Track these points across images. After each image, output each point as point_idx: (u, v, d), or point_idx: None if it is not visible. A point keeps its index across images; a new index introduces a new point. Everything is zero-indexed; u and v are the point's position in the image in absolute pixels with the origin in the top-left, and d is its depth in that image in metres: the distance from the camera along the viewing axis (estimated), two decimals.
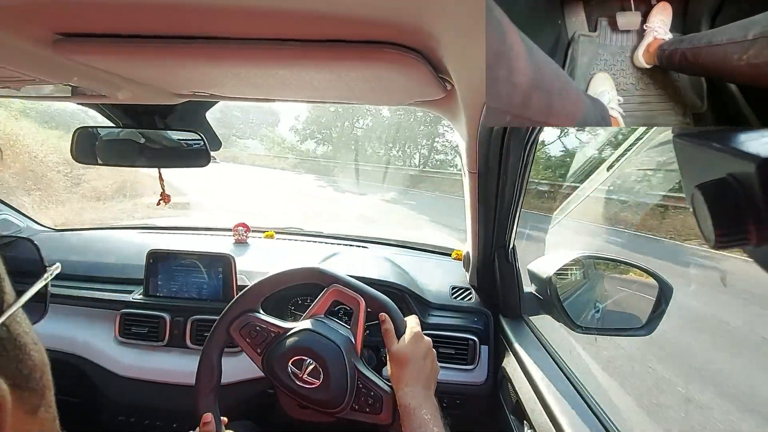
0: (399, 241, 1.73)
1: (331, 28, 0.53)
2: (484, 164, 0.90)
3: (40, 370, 0.29)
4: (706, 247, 3.59)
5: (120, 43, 0.58)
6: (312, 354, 0.81)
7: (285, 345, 0.84)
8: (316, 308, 0.88)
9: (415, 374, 0.76)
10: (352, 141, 22.24)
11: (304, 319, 0.87)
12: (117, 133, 1.07)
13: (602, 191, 5.81)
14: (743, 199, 0.26)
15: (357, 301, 0.84)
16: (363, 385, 0.80)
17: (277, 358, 0.83)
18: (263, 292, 0.90)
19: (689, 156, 0.33)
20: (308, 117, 22.66)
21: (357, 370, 0.81)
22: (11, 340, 0.26)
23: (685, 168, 0.34)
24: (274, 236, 1.67)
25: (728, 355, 3.07)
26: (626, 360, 2.80)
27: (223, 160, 18.92)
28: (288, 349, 0.83)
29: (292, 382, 0.82)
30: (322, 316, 0.87)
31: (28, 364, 0.27)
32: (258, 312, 0.89)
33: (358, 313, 0.85)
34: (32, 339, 0.29)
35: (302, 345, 0.82)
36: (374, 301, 0.85)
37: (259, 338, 0.87)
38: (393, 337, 0.80)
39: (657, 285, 1.00)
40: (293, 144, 23.84)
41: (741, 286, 3.88)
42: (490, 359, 1.17)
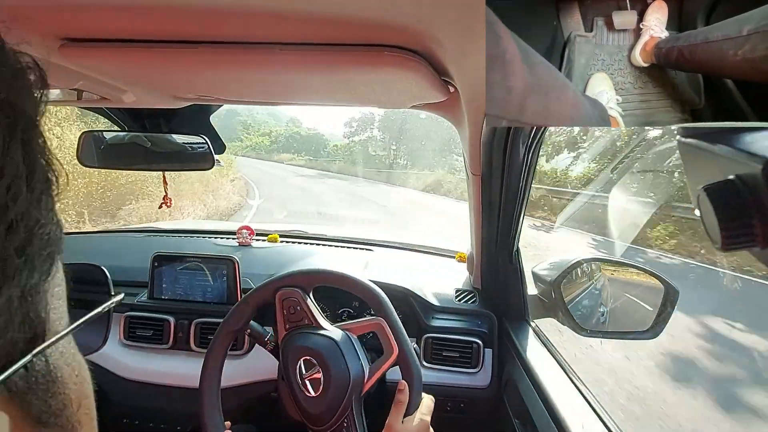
0: (403, 243, 1.72)
1: (334, 32, 0.54)
2: (487, 166, 0.90)
3: (76, 404, 0.26)
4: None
5: (125, 47, 0.59)
6: (324, 366, 0.81)
7: (309, 340, 0.84)
8: (354, 327, 0.88)
9: None
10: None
11: (337, 328, 0.87)
12: (122, 136, 1.08)
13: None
14: (749, 200, 0.26)
15: (392, 349, 0.83)
16: (347, 424, 0.80)
17: (295, 346, 0.84)
18: (320, 281, 0.91)
19: (694, 157, 0.33)
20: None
21: (351, 407, 0.80)
22: (47, 373, 0.24)
23: (691, 169, 0.34)
24: (278, 239, 1.68)
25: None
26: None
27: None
28: (309, 345, 0.84)
29: (293, 376, 0.82)
30: (354, 337, 0.87)
31: (60, 399, 0.25)
32: (308, 294, 0.90)
33: (385, 360, 0.84)
34: (74, 371, 0.26)
35: (321, 352, 0.82)
36: (406, 362, 0.83)
37: (295, 316, 0.88)
38: (401, 412, 0.77)
39: (662, 288, 0.99)
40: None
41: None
42: (494, 363, 1.16)
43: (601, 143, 11.15)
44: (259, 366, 1.16)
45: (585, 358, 3.01)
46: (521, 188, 0.94)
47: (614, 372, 2.89)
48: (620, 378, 2.82)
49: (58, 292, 0.25)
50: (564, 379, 0.91)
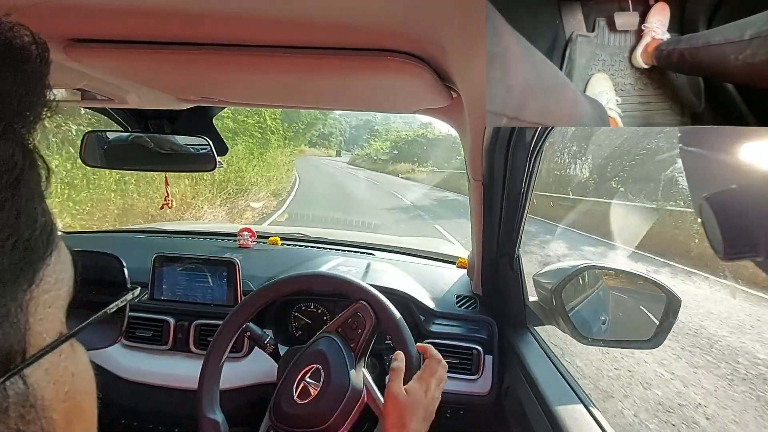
0: (404, 248, 1.72)
1: (338, 37, 0.54)
2: (489, 172, 0.90)
3: (64, 424, 0.23)
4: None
5: (130, 48, 0.59)
6: (327, 380, 0.80)
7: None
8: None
9: (407, 422, 0.71)
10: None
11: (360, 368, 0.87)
12: (126, 137, 1.09)
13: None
14: (752, 210, 0.26)
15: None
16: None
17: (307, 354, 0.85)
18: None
19: (696, 165, 0.33)
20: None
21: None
22: (22, 398, 0.20)
23: (693, 177, 0.33)
24: (279, 242, 1.68)
25: None
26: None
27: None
28: (312, 354, 0.85)
29: (293, 375, 0.82)
30: (365, 369, 0.87)
31: (40, 424, 0.21)
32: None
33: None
34: (63, 388, 0.23)
35: (317, 359, 0.83)
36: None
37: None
38: (399, 378, 0.76)
39: (664, 297, 0.98)
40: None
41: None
42: (494, 369, 1.15)
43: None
44: (257, 369, 1.15)
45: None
46: (522, 194, 0.94)
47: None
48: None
49: (46, 299, 0.22)
50: (564, 386, 0.90)
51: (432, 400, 0.75)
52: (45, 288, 0.22)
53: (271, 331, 1.04)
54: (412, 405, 0.72)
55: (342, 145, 68.57)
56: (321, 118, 30.20)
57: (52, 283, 0.23)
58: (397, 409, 0.71)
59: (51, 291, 0.23)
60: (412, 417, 0.70)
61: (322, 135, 58.98)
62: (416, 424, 0.70)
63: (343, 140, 72.20)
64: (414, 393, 0.73)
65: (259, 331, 0.97)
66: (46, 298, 0.23)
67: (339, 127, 69.65)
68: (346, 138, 74.63)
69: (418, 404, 0.72)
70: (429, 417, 0.74)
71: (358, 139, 57.60)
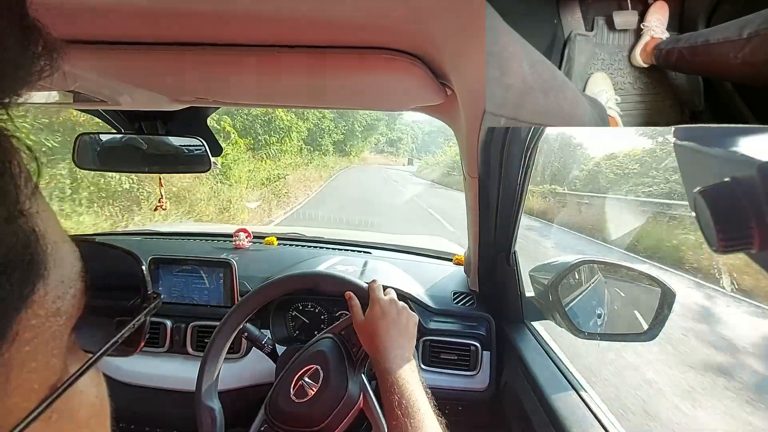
0: (400, 246, 1.72)
1: (332, 35, 0.54)
2: (484, 169, 0.90)
3: None
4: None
5: (123, 50, 0.59)
6: (325, 382, 0.80)
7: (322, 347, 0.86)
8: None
9: (386, 342, 0.76)
10: None
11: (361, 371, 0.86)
12: (118, 139, 1.08)
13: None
14: (746, 202, 0.26)
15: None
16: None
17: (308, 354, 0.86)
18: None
19: (691, 159, 0.33)
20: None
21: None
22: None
23: (687, 171, 0.33)
24: (275, 242, 1.67)
25: None
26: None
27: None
28: (313, 354, 0.85)
29: (292, 373, 0.82)
30: (364, 375, 0.87)
31: None
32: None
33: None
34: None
35: (317, 360, 0.83)
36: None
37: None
38: (358, 311, 0.83)
39: (659, 290, 0.99)
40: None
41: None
42: (492, 365, 1.16)
43: None
44: (255, 370, 1.15)
45: None
46: (518, 190, 0.94)
47: None
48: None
49: (28, 351, 0.18)
50: (562, 381, 0.91)
51: (398, 315, 0.80)
52: (25, 338, 0.17)
53: (268, 331, 1.04)
54: (375, 325, 0.78)
55: (414, 153, 61.98)
56: (384, 118, 27.46)
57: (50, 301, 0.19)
58: (365, 335, 0.79)
59: (36, 338, 0.18)
60: (383, 337, 0.76)
61: (389, 141, 56.24)
62: (391, 341, 0.76)
63: (415, 147, 65.34)
64: (372, 316, 0.80)
65: (257, 331, 0.96)
66: (28, 349, 0.18)
67: (411, 133, 64.74)
68: (418, 145, 67.22)
69: (380, 322, 0.78)
70: (405, 330, 0.79)
71: (431, 145, 54.37)
